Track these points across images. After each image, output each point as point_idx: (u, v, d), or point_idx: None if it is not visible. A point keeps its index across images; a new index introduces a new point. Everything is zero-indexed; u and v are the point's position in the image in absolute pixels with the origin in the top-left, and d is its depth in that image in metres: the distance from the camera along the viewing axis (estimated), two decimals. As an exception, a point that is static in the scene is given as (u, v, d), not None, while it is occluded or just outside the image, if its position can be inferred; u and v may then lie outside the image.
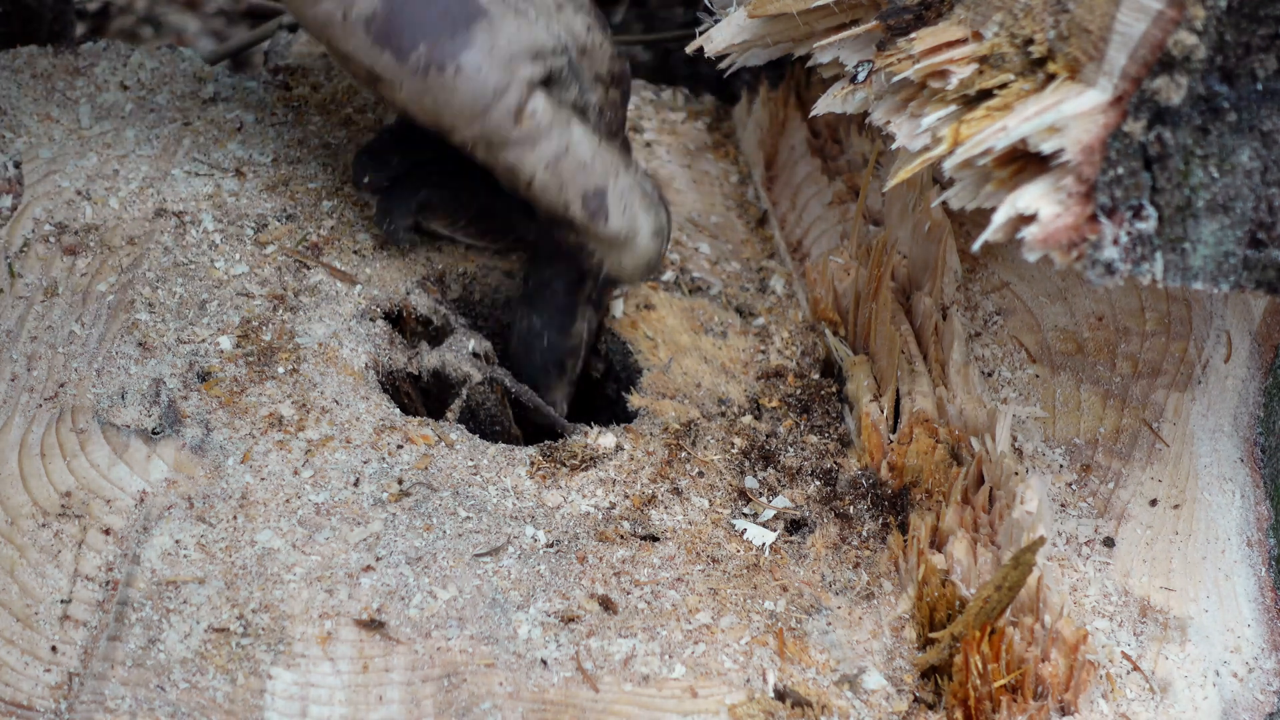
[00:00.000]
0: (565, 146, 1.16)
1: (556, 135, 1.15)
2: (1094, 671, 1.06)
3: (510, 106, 1.13)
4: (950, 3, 1.10)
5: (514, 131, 1.14)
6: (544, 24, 1.15)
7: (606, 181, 1.18)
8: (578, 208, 1.18)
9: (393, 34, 1.12)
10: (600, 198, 1.18)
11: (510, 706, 1.01)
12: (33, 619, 1.04)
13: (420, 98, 1.13)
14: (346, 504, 1.12)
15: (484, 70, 1.12)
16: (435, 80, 1.12)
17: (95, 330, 1.20)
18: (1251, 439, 1.22)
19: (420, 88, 1.13)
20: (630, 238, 1.19)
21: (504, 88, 1.13)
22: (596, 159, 1.17)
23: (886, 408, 1.22)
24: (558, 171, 1.16)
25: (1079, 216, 0.97)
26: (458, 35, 1.12)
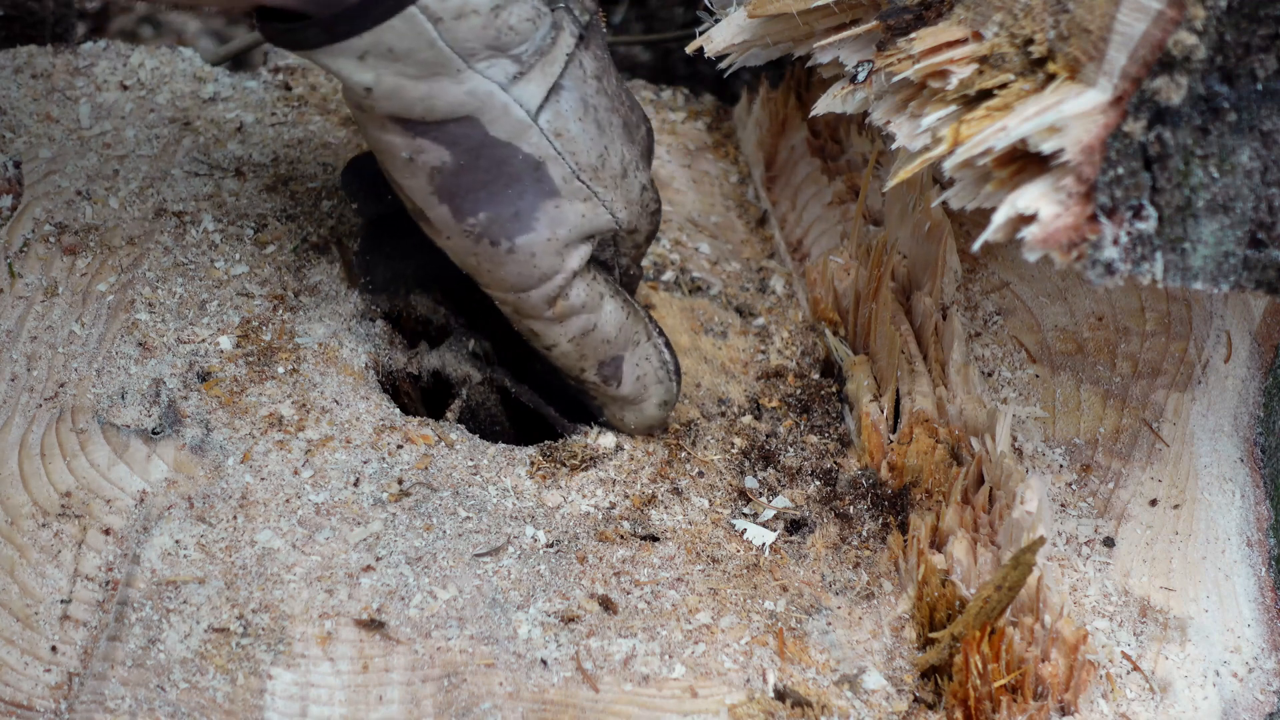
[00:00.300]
0: (593, 324, 1.16)
1: (586, 315, 1.15)
2: (1094, 671, 1.06)
3: (548, 293, 1.13)
4: (950, 3, 1.10)
5: (547, 312, 1.14)
6: (606, 204, 1.12)
7: (625, 351, 1.18)
8: (592, 373, 1.18)
9: (456, 193, 1.10)
10: (616, 365, 1.18)
11: (510, 706, 1.01)
12: (33, 619, 1.04)
13: (464, 256, 1.12)
14: (346, 504, 1.12)
15: (537, 257, 1.11)
16: (485, 250, 1.11)
17: (95, 330, 1.20)
18: (1251, 439, 1.22)
19: (468, 248, 1.11)
20: (637, 403, 1.20)
21: (550, 274, 1.12)
22: (620, 332, 1.17)
23: (886, 408, 1.22)
24: (580, 345, 1.16)
25: (1079, 216, 0.97)
26: (522, 216, 1.10)
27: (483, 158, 1.08)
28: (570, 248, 1.12)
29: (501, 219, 1.10)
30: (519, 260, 1.11)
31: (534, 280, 1.12)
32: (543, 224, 1.10)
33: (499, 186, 1.09)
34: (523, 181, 1.09)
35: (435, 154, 1.08)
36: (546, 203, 1.10)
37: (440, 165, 1.09)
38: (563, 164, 1.10)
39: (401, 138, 1.08)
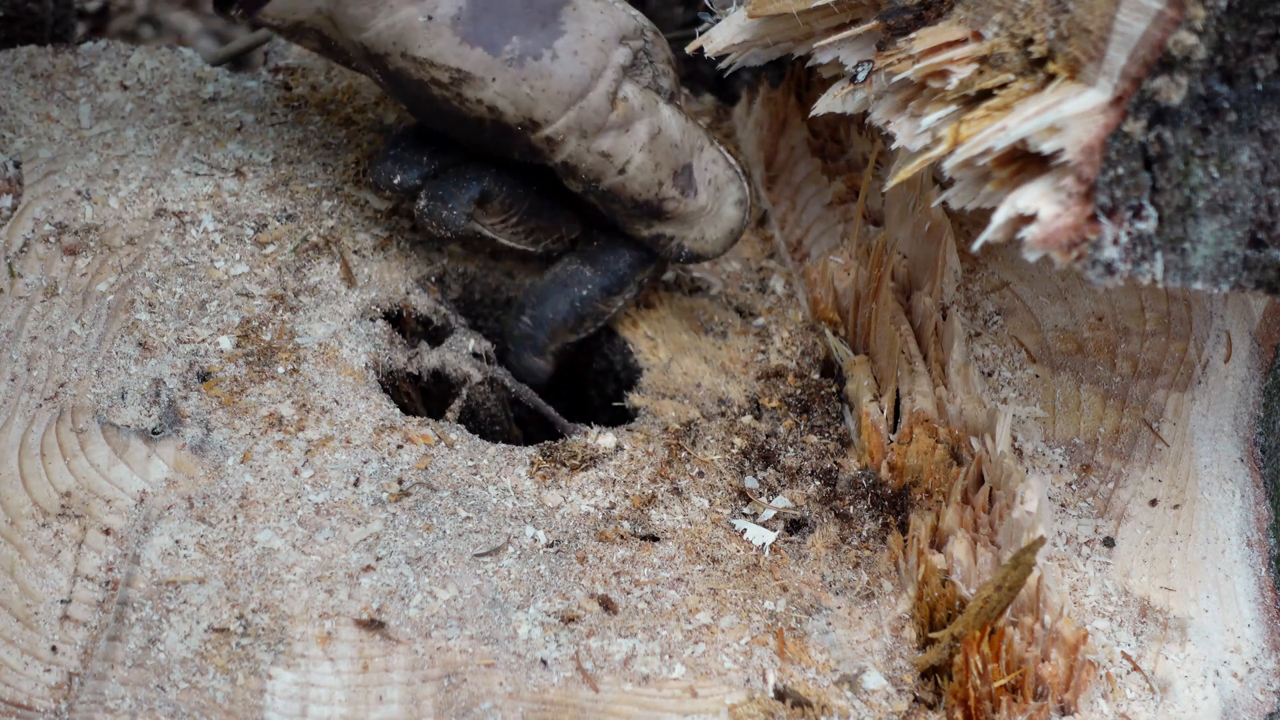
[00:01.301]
0: (658, 128, 1.17)
1: (649, 117, 1.16)
2: (1094, 671, 1.06)
3: (606, 91, 1.14)
4: (950, 3, 1.10)
5: (611, 116, 1.14)
6: (619, 5, 1.16)
7: (691, 157, 1.19)
8: (669, 187, 1.18)
9: (482, 30, 1.12)
10: (688, 173, 1.19)
11: (510, 706, 1.01)
12: (33, 619, 1.04)
13: (515, 89, 1.13)
14: (346, 504, 1.12)
15: (580, 54, 1.13)
16: (532, 69, 1.12)
17: (95, 330, 1.20)
18: (1251, 439, 1.22)
19: (516, 78, 1.12)
20: (716, 209, 1.20)
21: (600, 71, 1.13)
22: (684, 136, 1.19)
23: (886, 408, 1.22)
24: (653, 152, 1.17)
25: (1079, 216, 0.97)
26: (548, 25, 1.12)
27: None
28: (606, 44, 1.14)
29: (532, 34, 1.12)
30: (565, 63, 1.13)
31: (587, 77, 1.13)
32: (570, 24, 1.13)
33: (517, 8, 1.12)
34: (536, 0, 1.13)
35: (449, 3, 1.11)
36: (564, 9, 1.13)
37: (458, 12, 1.11)
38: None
39: (413, 4, 1.10)
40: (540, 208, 1.25)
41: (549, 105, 1.13)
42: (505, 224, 1.25)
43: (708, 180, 1.20)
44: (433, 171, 1.23)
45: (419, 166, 1.23)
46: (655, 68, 1.18)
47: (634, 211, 1.20)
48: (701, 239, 1.21)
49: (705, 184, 1.19)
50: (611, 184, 1.17)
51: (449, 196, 1.22)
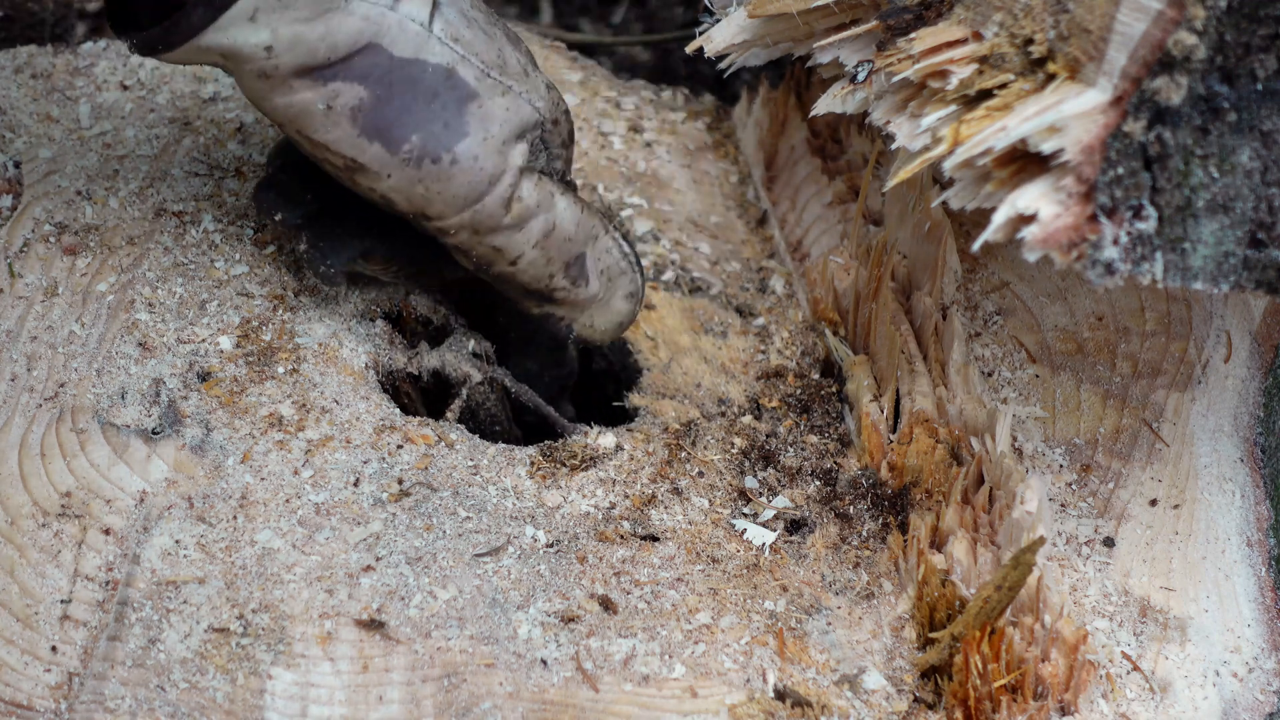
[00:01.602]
0: (552, 224, 1.16)
1: (543, 214, 1.16)
2: (1094, 671, 1.06)
3: (502, 195, 1.13)
4: (950, 3, 1.10)
5: (505, 218, 1.14)
6: (525, 97, 1.14)
7: (585, 248, 1.19)
8: (560, 278, 1.18)
9: (383, 125, 1.10)
10: (580, 263, 1.19)
11: (510, 706, 1.01)
12: (33, 619, 1.04)
13: (410, 188, 1.12)
14: (346, 504, 1.12)
15: (480, 159, 1.12)
16: (429, 171, 1.11)
17: (95, 330, 1.20)
18: (1251, 439, 1.22)
19: (412, 178, 1.11)
20: (606, 300, 1.21)
21: (498, 175, 1.12)
22: (579, 228, 1.18)
23: (886, 408, 1.22)
24: (545, 248, 1.16)
25: (1079, 216, 0.97)
26: (451, 125, 1.11)
27: (395, 81, 1.09)
28: (507, 145, 1.13)
29: (434, 134, 1.10)
30: (464, 168, 1.11)
31: (484, 183, 1.12)
32: (474, 126, 1.11)
33: (420, 105, 1.10)
34: (440, 94, 1.10)
35: (350, 93, 1.09)
36: (469, 105, 1.11)
37: (359, 103, 1.09)
38: (470, 64, 1.11)
39: (313, 90, 1.08)
40: (421, 258, 1.25)
41: (444, 206, 1.13)
42: (386, 271, 1.25)
43: (600, 271, 1.20)
44: (315, 211, 1.21)
45: (302, 205, 1.20)
46: (550, 152, 1.18)
47: (523, 295, 1.21)
48: (590, 326, 1.22)
49: (598, 274, 1.20)
50: (502, 272, 1.18)
51: (329, 252, 1.21)
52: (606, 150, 1.47)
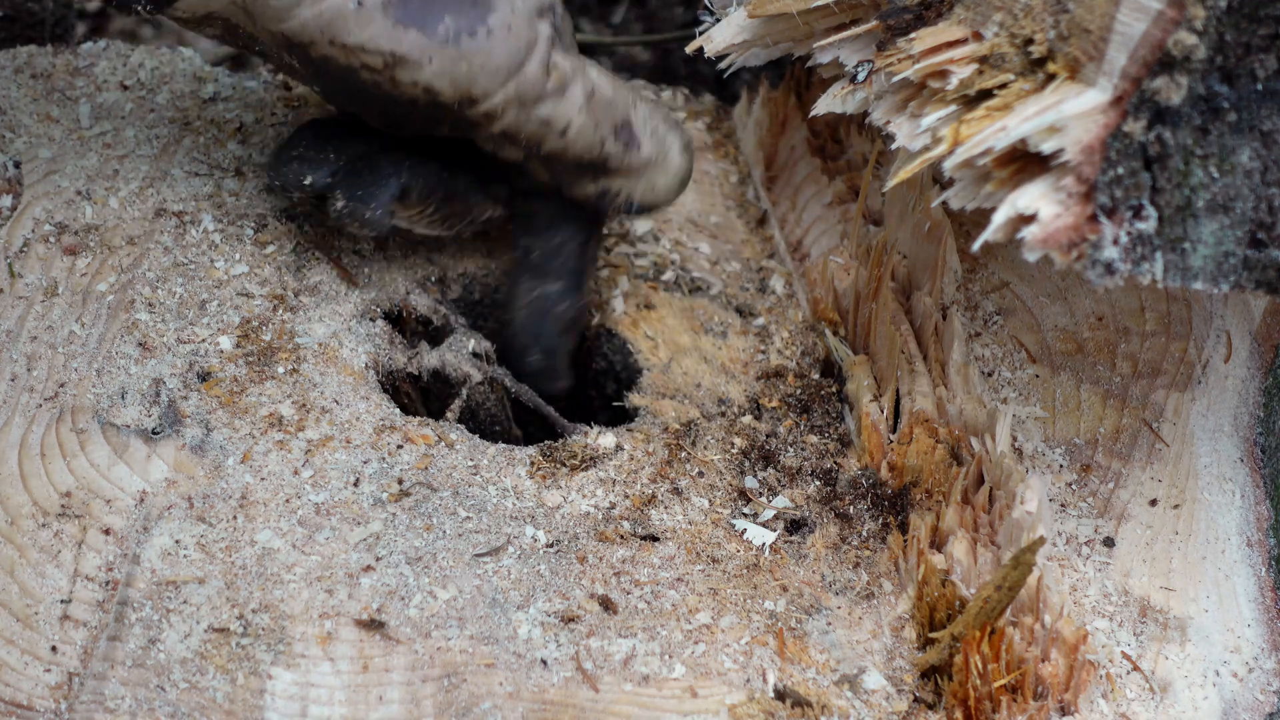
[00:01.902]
0: (592, 88, 1.18)
1: (581, 80, 1.17)
2: (1094, 671, 1.06)
3: (540, 61, 1.14)
4: (950, 3, 1.10)
5: (547, 84, 1.15)
6: None
7: (629, 112, 1.20)
8: (611, 143, 1.19)
9: (415, 12, 1.11)
10: (628, 128, 1.20)
11: (510, 706, 1.01)
12: (33, 619, 1.04)
13: (454, 67, 1.12)
14: (346, 504, 1.12)
15: (513, 28, 1.13)
16: (468, 46, 1.12)
17: (95, 330, 1.20)
18: (1251, 439, 1.22)
19: (454, 57, 1.12)
20: (662, 158, 1.22)
21: (533, 43, 1.14)
22: (616, 93, 1.20)
23: (886, 408, 1.22)
24: (591, 112, 1.18)
25: (1079, 216, 0.97)
26: (478, 2, 1.12)
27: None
28: (533, 16, 1.14)
29: (464, 12, 1.12)
30: (500, 38, 1.13)
31: (522, 49, 1.14)
32: (498, 1, 1.13)
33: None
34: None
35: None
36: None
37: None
38: None
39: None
40: (454, 192, 1.25)
41: (487, 81, 1.14)
42: (423, 214, 1.25)
43: (649, 131, 1.21)
44: (341, 169, 1.21)
45: (327, 165, 1.21)
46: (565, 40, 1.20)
47: (578, 171, 1.21)
48: (652, 189, 1.23)
49: (648, 135, 1.21)
50: (553, 148, 1.19)
51: (369, 197, 1.20)
52: (606, 150, 1.47)
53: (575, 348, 1.30)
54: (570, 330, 1.28)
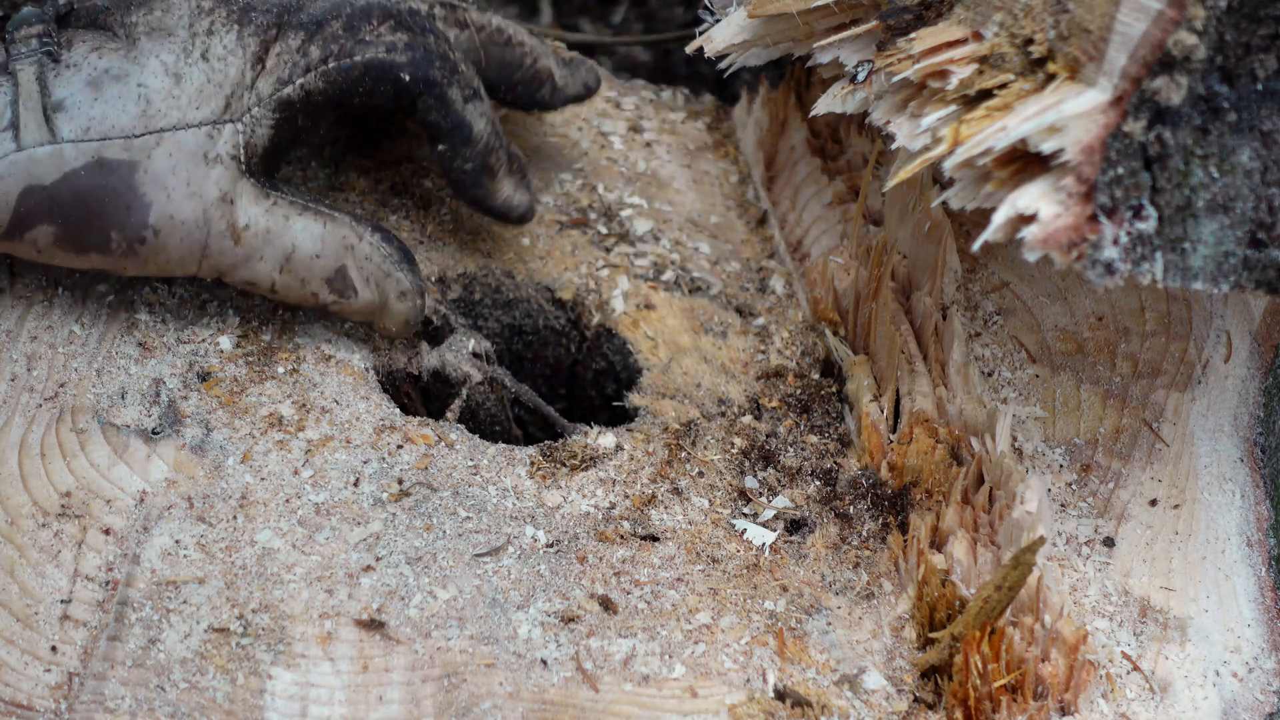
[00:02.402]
0: (291, 245, 1.16)
1: (276, 240, 1.15)
2: (1094, 671, 1.06)
3: (221, 229, 1.14)
4: (950, 3, 1.10)
5: (237, 250, 1.15)
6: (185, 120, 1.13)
7: (343, 261, 1.18)
8: (325, 293, 1.18)
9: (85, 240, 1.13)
10: (342, 278, 1.18)
11: (510, 706, 1.01)
12: (33, 619, 1.04)
13: (145, 268, 1.15)
14: (346, 504, 1.12)
15: (175, 216, 1.13)
16: (145, 251, 1.13)
17: (95, 330, 1.20)
18: (1251, 439, 1.22)
19: (139, 263, 1.14)
20: (383, 303, 1.19)
21: (203, 217, 1.13)
22: (325, 244, 1.17)
23: (886, 408, 1.22)
24: (292, 271, 1.17)
25: (1079, 216, 0.97)
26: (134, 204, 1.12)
27: (62, 203, 1.11)
28: (195, 181, 1.13)
29: (125, 221, 1.12)
30: (169, 232, 1.13)
31: (196, 231, 1.13)
32: (152, 191, 1.12)
33: (95, 206, 1.12)
34: (105, 183, 1.11)
35: (44, 233, 1.13)
36: (135, 175, 1.12)
37: (55, 236, 1.12)
38: (112, 143, 1.12)
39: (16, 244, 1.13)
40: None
41: (181, 268, 1.15)
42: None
43: (366, 278, 1.18)
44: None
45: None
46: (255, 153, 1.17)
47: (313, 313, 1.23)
48: (384, 327, 1.21)
49: (365, 283, 1.18)
50: (270, 298, 1.19)
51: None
52: (606, 150, 1.47)
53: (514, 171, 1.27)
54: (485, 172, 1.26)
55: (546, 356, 1.36)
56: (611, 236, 1.38)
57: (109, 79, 1.12)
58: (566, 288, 1.33)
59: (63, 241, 1.13)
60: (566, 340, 1.35)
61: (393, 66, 1.18)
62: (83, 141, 1.11)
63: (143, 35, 1.14)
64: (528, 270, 1.34)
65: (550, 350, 1.36)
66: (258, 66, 1.15)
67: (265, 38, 1.16)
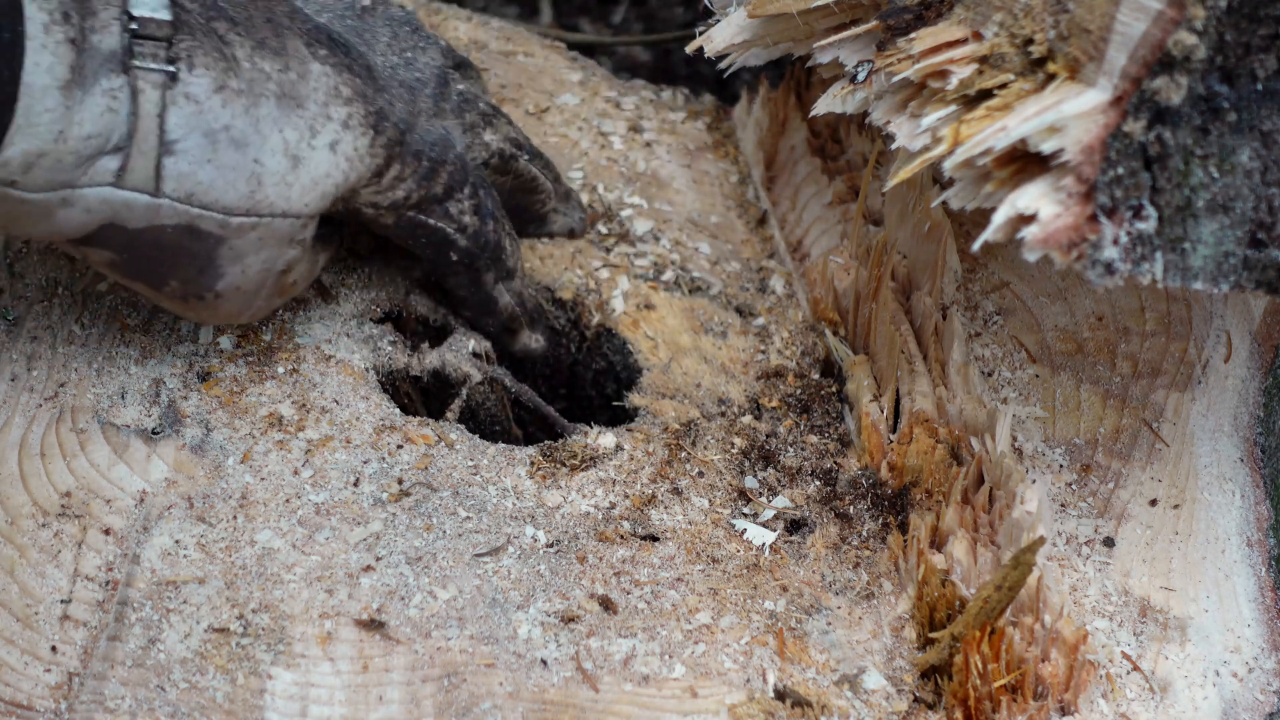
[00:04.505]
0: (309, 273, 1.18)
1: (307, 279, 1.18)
2: (1094, 671, 1.06)
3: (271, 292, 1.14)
4: (950, 3, 1.10)
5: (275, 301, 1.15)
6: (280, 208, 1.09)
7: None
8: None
9: (140, 273, 1.09)
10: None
11: (510, 706, 1.01)
12: (33, 619, 1.04)
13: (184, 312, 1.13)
14: (346, 504, 1.12)
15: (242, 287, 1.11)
16: (195, 304, 1.12)
17: (95, 330, 1.20)
18: (1251, 439, 1.22)
19: (181, 308, 1.12)
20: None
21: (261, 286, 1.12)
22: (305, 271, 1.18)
23: (886, 408, 1.22)
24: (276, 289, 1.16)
25: (1079, 216, 0.97)
26: (206, 270, 1.09)
27: (138, 246, 1.06)
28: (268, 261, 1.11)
29: (191, 279, 1.09)
30: (228, 299, 1.12)
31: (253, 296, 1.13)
32: (228, 266, 1.09)
33: (169, 257, 1.08)
34: (186, 246, 1.07)
35: (101, 255, 1.07)
36: (220, 250, 1.08)
37: (111, 260, 1.08)
38: (210, 217, 1.06)
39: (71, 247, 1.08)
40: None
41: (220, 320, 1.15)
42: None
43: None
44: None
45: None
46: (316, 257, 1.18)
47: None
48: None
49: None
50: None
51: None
52: (606, 150, 1.47)
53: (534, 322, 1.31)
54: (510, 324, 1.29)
55: (546, 356, 1.36)
56: (611, 236, 1.38)
57: (227, 141, 1.05)
58: (566, 288, 1.33)
59: (117, 266, 1.08)
60: (566, 340, 1.35)
61: (452, 245, 1.20)
62: (182, 204, 1.05)
63: (272, 95, 1.07)
64: (528, 270, 1.34)
65: (550, 350, 1.36)
66: (375, 180, 1.14)
67: (390, 154, 1.14)
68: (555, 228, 1.35)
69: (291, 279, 1.15)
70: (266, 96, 1.07)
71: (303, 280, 1.17)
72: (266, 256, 1.10)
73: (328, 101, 1.10)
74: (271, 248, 1.10)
